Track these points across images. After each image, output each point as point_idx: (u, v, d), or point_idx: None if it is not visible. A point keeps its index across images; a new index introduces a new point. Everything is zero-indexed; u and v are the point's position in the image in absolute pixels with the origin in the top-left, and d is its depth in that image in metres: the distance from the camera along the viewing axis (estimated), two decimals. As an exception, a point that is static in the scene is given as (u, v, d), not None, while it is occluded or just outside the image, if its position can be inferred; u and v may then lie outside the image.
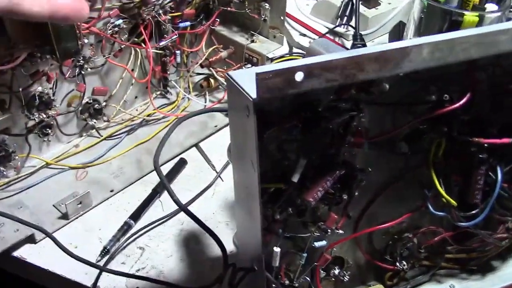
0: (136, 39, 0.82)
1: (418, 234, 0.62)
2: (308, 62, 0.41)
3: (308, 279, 0.59)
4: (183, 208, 0.55)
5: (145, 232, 0.72)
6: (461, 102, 0.51)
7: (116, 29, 0.78)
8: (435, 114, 0.52)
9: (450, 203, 0.57)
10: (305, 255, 0.56)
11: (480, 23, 0.73)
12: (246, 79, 0.44)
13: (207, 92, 0.94)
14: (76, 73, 0.77)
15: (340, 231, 0.55)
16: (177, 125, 0.56)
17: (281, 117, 0.48)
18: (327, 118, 0.49)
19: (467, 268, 0.66)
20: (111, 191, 0.77)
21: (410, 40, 0.45)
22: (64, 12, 0.45)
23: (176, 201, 0.53)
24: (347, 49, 1.01)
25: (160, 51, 0.87)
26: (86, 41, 0.75)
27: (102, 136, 0.85)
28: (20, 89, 0.71)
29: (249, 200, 0.48)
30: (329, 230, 0.55)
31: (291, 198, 0.51)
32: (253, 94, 0.41)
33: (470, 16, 0.72)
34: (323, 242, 0.56)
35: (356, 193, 0.54)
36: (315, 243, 0.55)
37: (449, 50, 0.45)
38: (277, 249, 0.52)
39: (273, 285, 0.54)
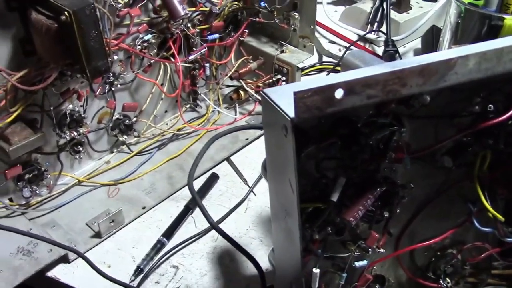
0: (165, 54, 0.81)
1: (463, 251, 0.59)
2: (348, 79, 0.39)
3: (348, 299, 0.57)
4: (216, 228, 0.53)
5: (178, 250, 0.70)
6: (509, 114, 0.48)
7: (145, 44, 0.78)
8: (481, 127, 0.49)
9: (496, 218, 0.54)
10: (345, 275, 0.54)
11: (521, 27, 0.70)
12: (282, 96, 0.42)
13: (237, 104, 0.93)
14: (106, 90, 0.77)
15: (382, 250, 0.53)
16: (211, 143, 0.55)
17: (319, 135, 0.46)
18: (366, 134, 0.47)
19: (515, 285, 0.63)
20: (143, 208, 0.76)
21: (454, 50, 0.42)
22: None
23: (211, 223, 0.52)
24: (381, 57, 0.98)
25: (189, 65, 0.86)
26: (115, 57, 0.74)
27: (133, 151, 0.85)
28: (51, 108, 0.71)
29: (287, 220, 0.46)
30: (370, 249, 0.52)
31: (330, 217, 0.49)
32: (291, 113, 0.39)
33: (510, 20, 0.68)
34: (364, 262, 0.53)
35: (398, 210, 0.52)
36: (355, 263, 0.53)
37: (497, 60, 0.43)
38: (316, 270, 0.50)
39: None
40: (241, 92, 0.92)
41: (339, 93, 0.39)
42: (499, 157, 0.53)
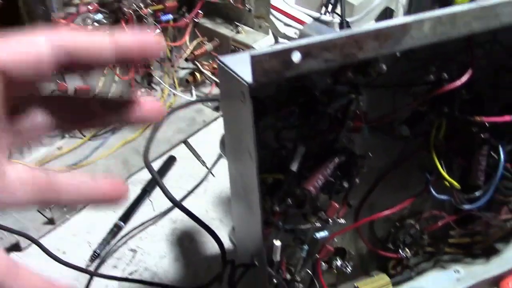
0: (117, 35, 0.79)
1: (421, 220, 0.60)
2: (305, 42, 0.38)
3: (310, 272, 0.56)
4: (177, 204, 0.52)
5: (136, 233, 0.69)
6: (462, 80, 0.49)
7: (97, 24, 0.75)
8: (436, 94, 0.49)
9: (453, 185, 0.55)
10: (306, 247, 0.54)
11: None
12: (239, 64, 0.41)
13: (193, 87, 0.92)
14: (56, 72, 0.74)
15: (342, 221, 0.53)
16: (167, 116, 0.53)
17: (277, 104, 0.45)
18: (324, 102, 0.47)
19: (471, 253, 0.64)
20: (99, 192, 0.73)
21: (411, 16, 0.42)
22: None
23: (170, 198, 0.50)
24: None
25: (142, 46, 0.84)
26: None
27: (85, 136, 0.82)
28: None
29: (247, 192, 0.46)
30: (330, 220, 0.52)
31: (291, 189, 0.48)
32: (248, 79, 0.38)
33: (461, -6, 0.70)
34: (325, 233, 0.53)
35: (357, 181, 0.52)
36: (316, 234, 0.53)
37: (451, 25, 0.43)
38: (277, 243, 0.50)
39: (275, 280, 0.51)
40: (197, 75, 0.91)
41: (296, 57, 0.38)
42: (455, 126, 0.54)
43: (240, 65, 0.41)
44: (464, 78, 0.49)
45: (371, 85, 0.50)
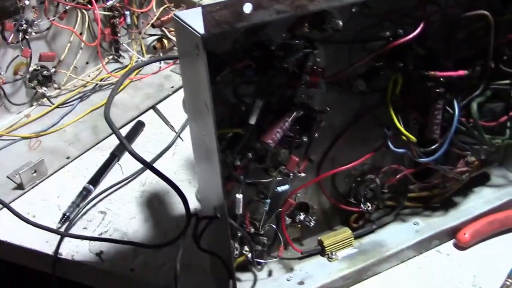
0: (81, 0, 0.79)
1: (380, 175, 0.62)
2: (257, -5, 0.39)
3: (274, 226, 0.58)
4: (145, 163, 0.53)
5: (105, 196, 0.70)
6: (414, 33, 0.50)
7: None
8: (389, 48, 0.51)
9: (409, 139, 0.57)
10: (268, 201, 0.55)
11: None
12: (195, 18, 0.42)
13: (161, 54, 0.92)
14: (20, 38, 0.74)
15: (302, 174, 0.55)
16: (128, 74, 0.54)
17: (234, 60, 0.46)
18: (281, 57, 0.48)
19: (430, 206, 0.66)
20: (67, 158, 0.74)
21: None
22: None
23: (138, 158, 0.51)
24: None
25: (108, 13, 0.84)
26: (27, 2, 0.71)
27: (54, 104, 0.82)
28: (-40, 56, 0.67)
29: (207, 147, 0.47)
30: (291, 174, 0.54)
31: (250, 143, 0.50)
32: (201, 30, 0.39)
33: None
34: (286, 186, 0.55)
35: (316, 135, 0.54)
36: (278, 188, 0.54)
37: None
38: (239, 196, 0.51)
39: (238, 233, 0.53)
40: (165, 41, 0.91)
41: (247, 7, 0.39)
42: (410, 81, 0.56)
43: (196, 19, 0.42)
44: (415, 32, 0.50)
45: (328, 41, 0.51)
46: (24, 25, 0.73)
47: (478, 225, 0.64)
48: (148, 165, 0.51)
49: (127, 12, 0.86)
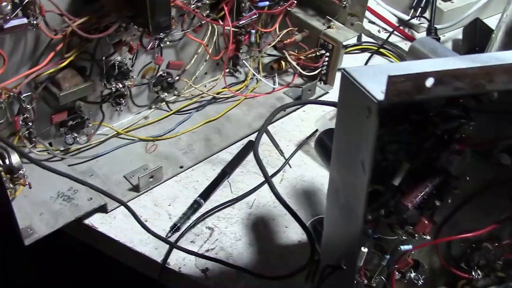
0: (215, 16, 0.81)
1: (499, 246, 0.61)
2: (439, 68, 0.39)
3: (384, 279, 0.58)
4: (269, 182, 0.54)
5: (214, 213, 0.71)
6: None
7: (199, 4, 0.77)
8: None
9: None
10: (388, 257, 0.55)
11: None
12: (365, 77, 0.43)
13: (276, 74, 0.93)
14: (156, 46, 0.77)
15: (428, 237, 0.54)
16: (276, 114, 0.55)
17: (390, 119, 0.46)
18: (436, 123, 0.47)
19: (541, 284, 0.64)
20: (181, 167, 0.77)
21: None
22: None
23: (266, 177, 0.52)
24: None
25: (236, 30, 0.86)
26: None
27: (171, 110, 0.85)
28: (103, 58, 0.70)
29: (349, 201, 0.47)
30: (416, 235, 0.53)
31: (387, 201, 0.50)
32: (378, 96, 0.40)
33: None
34: (409, 247, 0.54)
35: (450, 201, 0.53)
36: (401, 246, 0.54)
37: None
38: (364, 249, 0.51)
39: (355, 284, 0.53)
40: (282, 63, 0.92)
41: (429, 82, 0.39)
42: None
43: (366, 79, 0.42)
44: None
45: (480, 110, 0.51)
46: (162, 34, 0.76)
47: None
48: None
49: (253, 31, 0.88)
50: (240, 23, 0.82)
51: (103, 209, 0.69)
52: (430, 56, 0.59)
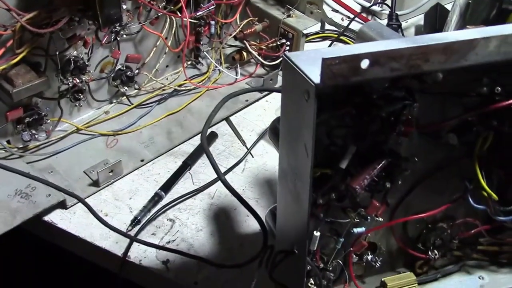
0: (172, 7, 0.80)
1: (453, 225, 0.62)
2: (374, 50, 0.40)
3: (341, 262, 0.59)
4: (222, 179, 0.54)
5: (175, 205, 0.71)
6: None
7: (153, -5, 0.76)
8: (490, 108, 0.50)
9: (491, 196, 0.56)
10: (342, 240, 0.56)
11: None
12: (305, 61, 0.43)
13: (238, 65, 0.93)
14: (112, 39, 0.76)
15: (380, 219, 0.55)
16: (226, 101, 0.55)
17: (334, 103, 0.47)
18: (380, 106, 0.48)
19: (497, 261, 0.65)
20: (142, 160, 0.76)
21: (477, 31, 0.43)
22: None
23: (218, 173, 0.52)
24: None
25: (195, 21, 0.85)
26: (124, 6, 0.73)
27: (132, 104, 0.84)
28: (57, 53, 0.70)
29: (296, 184, 0.48)
30: (369, 217, 0.54)
31: (336, 184, 0.50)
32: (315, 79, 0.40)
33: (521, 5, 0.69)
34: (362, 229, 0.55)
35: (400, 182, 0.54)
36: (354, 229, 0.55)
37: (516, 45, 0.44)
38: (317, 233, 0.52)
39: (309, 267, 0.54)
40: (244, 53, 0.92)
41: (364, 63, 0.40)
42: (500, 139, 0.55)
43: (306, 63, 0.43)
44: (520, 96, 0.49)
45: (425, 91, 0.51)
46: (118, 28, 0.75)
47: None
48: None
49: (212, 22, 0.87)
50: (198, 14, 0.82)
51: (62, 205, 0.69)
52: (377, 39, 0.59)
